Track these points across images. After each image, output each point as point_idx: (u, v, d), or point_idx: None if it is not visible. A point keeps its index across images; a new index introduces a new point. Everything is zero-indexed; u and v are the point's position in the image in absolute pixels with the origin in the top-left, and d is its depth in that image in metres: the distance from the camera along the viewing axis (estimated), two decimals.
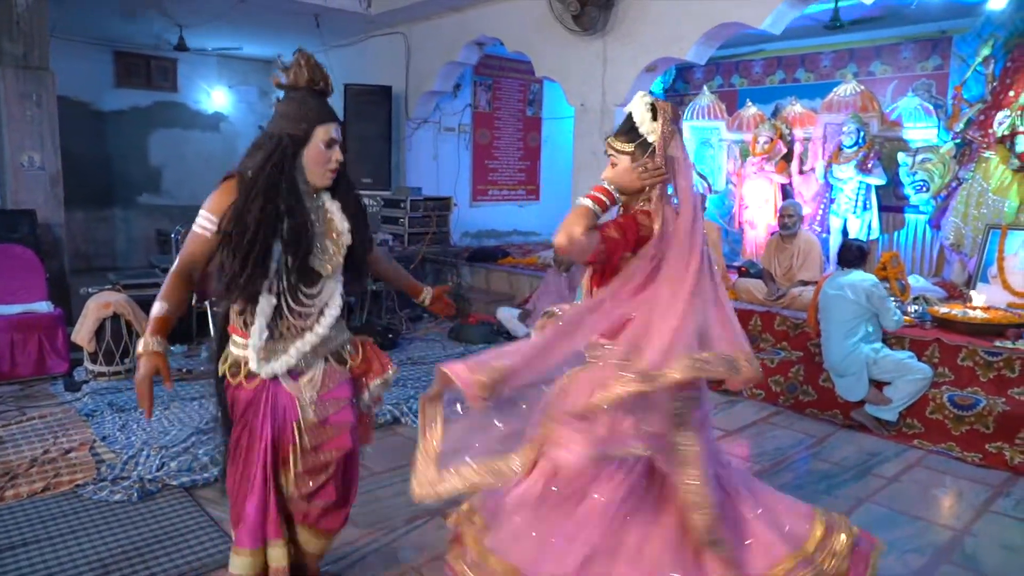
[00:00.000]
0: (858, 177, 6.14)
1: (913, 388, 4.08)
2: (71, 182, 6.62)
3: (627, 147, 2.01)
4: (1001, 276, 5.01)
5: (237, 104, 10.79)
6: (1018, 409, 3.84)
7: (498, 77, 9.12)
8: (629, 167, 2.01)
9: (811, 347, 4.82)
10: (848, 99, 6.69)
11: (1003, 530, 3.06)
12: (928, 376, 4.11)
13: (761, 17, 5.13)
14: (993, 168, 5.36)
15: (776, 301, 5.34)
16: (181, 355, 5.45)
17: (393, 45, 8.21)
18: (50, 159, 5.94)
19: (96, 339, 4.70)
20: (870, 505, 3.25)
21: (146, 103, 9.93)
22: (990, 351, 4.12)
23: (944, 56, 6.76)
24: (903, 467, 3.72)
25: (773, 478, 3.52)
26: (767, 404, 4.72)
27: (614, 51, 6.06)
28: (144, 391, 1.92)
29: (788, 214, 5.57)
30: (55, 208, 6.00)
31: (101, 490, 3.11)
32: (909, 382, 4.07)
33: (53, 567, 2.53)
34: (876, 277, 4.24)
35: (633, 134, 2.01)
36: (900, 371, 4.11)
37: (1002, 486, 3.51)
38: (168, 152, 10.19)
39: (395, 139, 8.25)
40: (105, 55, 9.43)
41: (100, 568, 2.53)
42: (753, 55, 8.28)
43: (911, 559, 2.78)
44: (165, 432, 3.79)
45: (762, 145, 6.81)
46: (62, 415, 4.04)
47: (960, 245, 5.52)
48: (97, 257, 9.61)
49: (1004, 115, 5.23)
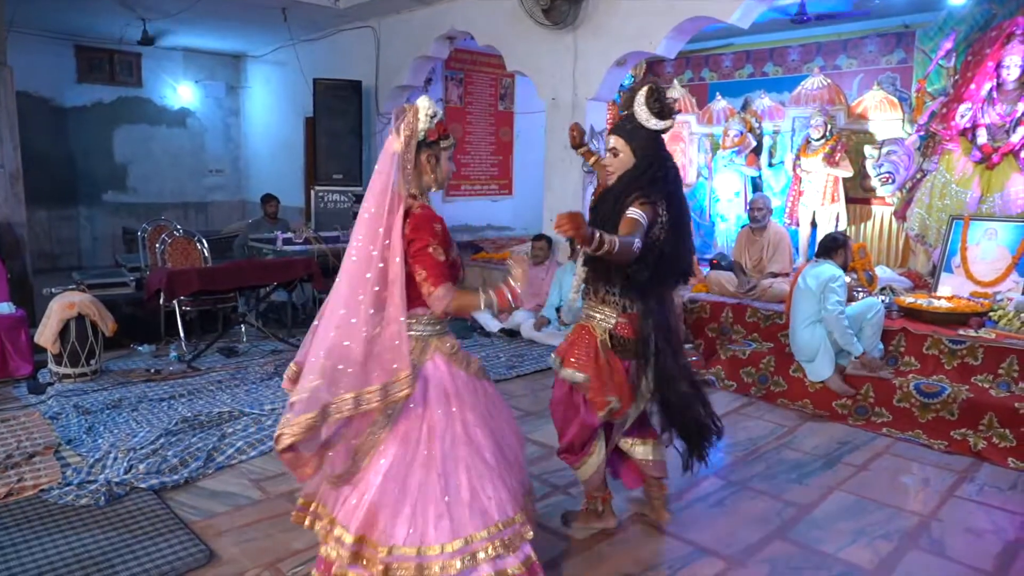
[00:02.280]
0: (826, 170, 6.23)
1: (876, 322, 4.30)
2: (33, 180, 6.46)
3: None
4: (964, 266, 5.12)
5: (204, 99, 10.61)
6: (981, 396, 3.93)
7: (469, 71, 9.08)
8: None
9: (781, 338, 4.88)
10: (815, 92, 6.78)
11: (968, 515, 3.13)
12: (880, 306, 4.34)
13: (730, 11, 5.17)
14: (956, 160, 5.47)
15: (747, 293, 5.40)
16: (149, 355, 5.36)
17: (362, 39, 8.13)
18: (9, 156, 5.79)
19: (60, 340, 4.59)
20: (839, 493, 3.31)
21: (110, 98, 9.72)
22: (954, 340, 4.21)
23: (908, 50, 6.89)
24: (871, 455, 3.78)
25: (746, 468, 3.57)
26: (739, 395, 4.77)
27: (585, 45, 6.06)
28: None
29: (758, 207, 5.63)
30: (16, 206, 5.85)
31: (67, 495, 3.04)
32: (872, 320, 4.28)
33: (18, 574, 2.46)
34: (841, 271, 4.30)
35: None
36: (858, 321, 4.29)
37: (966, 471, 3.59)
38: (133, 149, 9.99)
39: (365, 134, 8.18)
40: (66, 49, 9.22)
41: (67, 574, 2.47)
42: (722, 49, 8.36)
43: (879, 545, 2.83)
44: (133, 434, 3.72)
45: (732, 138, 6.87)
46: (26, 419, 3.95)
47: (925, 236, 5.63)
48: (61, 256, 9.41)
49: (966, 108, 5.34)
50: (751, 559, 2.72)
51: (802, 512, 3.11)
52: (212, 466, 3.41)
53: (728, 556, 2.73)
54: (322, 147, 7.99)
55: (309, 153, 9.11)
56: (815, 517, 3.07)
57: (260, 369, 5.04)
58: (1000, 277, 4.96)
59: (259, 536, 2.81)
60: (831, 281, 4.21)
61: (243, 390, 4.57)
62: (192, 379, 4.80)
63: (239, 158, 11.16)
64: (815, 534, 2.92)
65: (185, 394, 4.46)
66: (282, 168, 10.10)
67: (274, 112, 10.30)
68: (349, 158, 8.06)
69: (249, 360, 5.30)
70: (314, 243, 6.28)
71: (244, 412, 4.09)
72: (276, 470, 3.42)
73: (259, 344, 5.77)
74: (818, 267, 4.32)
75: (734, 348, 5.02)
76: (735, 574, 2.62)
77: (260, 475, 3.37)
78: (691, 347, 5.46)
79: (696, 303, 5.55)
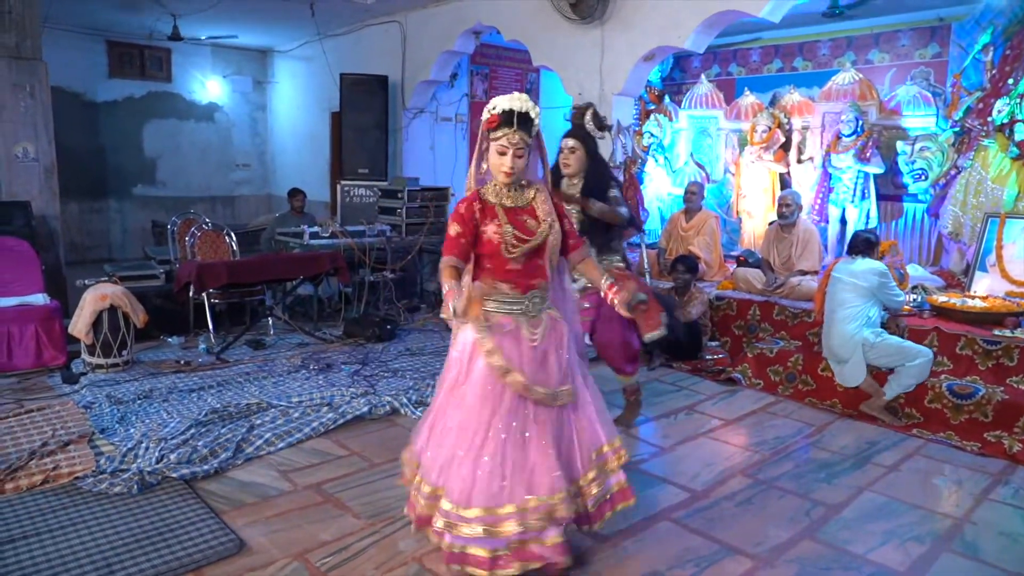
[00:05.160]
0: (856, 166, 6.13)
1: (917, 372, 4.08)
2: (65, 173, 6.58)
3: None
4: (999, 265, 5.01)
5: (232, 94, 10.72)
6: (1017, 398, 3.85)
7: (495, 66, 9.07)
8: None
9: (810, 336, 4.82)
10: (846, 87, 6.67)
11: (1002, 518, 3.07)
12: (929, 358, 4.12)
13: (760, 5, 5.11)
14: (992, 156, 5.34)
15: (775, 291, 5.34)
16: (178, 347, 5.43)
17: (389, 34, 8.15)
18: (44, 150, 5.90)
19: (93, 331, 4.67)
20: (869, 493, 3.26)
21: (140, 93, 9.87)
22: (989, 340, 4.12)
23: (943, 44, 6.73)
24: (902, 456, 3.72)
25: (773, 467, 3.53)
26: (766, 394, 4.72)
27: (612, 39, 6.02)
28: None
29: (786, 203, 5.56)
30: (50, 199, 5.97)
31: (100, 483, 3.09)
32: (913, 368, 4.07)
33: (54, 560, 2.52)
34: (884, 265, 4.26)
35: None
36: (901, 354, 4.11)
37: (1001, 474, 3.52)
38: (163, 143, 10.14)
39: (391, 129, 8.21)
40: (98, 45, 9.36)
41: (101, 561, 2.51)
42: (751, 43, 8.24)
43: (911, 547, 2.79)
44: (164, 424, 3.77)
45: (760, 134, 6.79)
46: (60, 408, 4.02)
47: (959, 234, 5.52)
48: (92, 249, 9.58)
49: (1003, 103, 5.21)
50: (779, 559, 2.69)
51: (831, 512, 3.07)
52: (241, 457, 3.46)
53: (756, 555, 2.70)
54: (348, 141, 8.04)
55: (335, 147, 9.17)
56: (845, 517, 3.03)
57: (287, 362, 5.09)
58: None
59: (288, 527, 2.84)
60: (884, 277, 4.18)
61: (271, 382, 4.61)
62: (221, 371, 4.86)
63: (266, 152, 11.26)
64: (844, 535, 2.88)
65: (214, 385, 4.51)
66: (308, 162, 10.18)
67: (300, 107, 10.38)
68: (375, 152, 8.09)
69: (276, 353, 5.36)
70: (340, 237, 6.32)
71: (272, 404, 4.13)
72: (304, 462, 3.46)
73: (286, 337, 5.83)
74: (859, 262, 4.25)
75: (761, 346, 4.97)
76: (763, 574, 2.59)
77: (289, 467, 3.40)
78: (717, 344, 5.41)
79: (723, 300, 5.50)
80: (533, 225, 2.46)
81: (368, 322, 5.85)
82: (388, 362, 5.13)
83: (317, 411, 4.05)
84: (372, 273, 6.46)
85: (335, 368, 4.94)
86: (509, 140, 2.37)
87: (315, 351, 5.41)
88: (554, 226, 2.47)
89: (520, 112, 2.36)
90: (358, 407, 4.08)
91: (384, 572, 2.54)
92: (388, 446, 3.64)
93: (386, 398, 4.24)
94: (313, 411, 4.05)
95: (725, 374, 4.95)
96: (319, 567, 2.55)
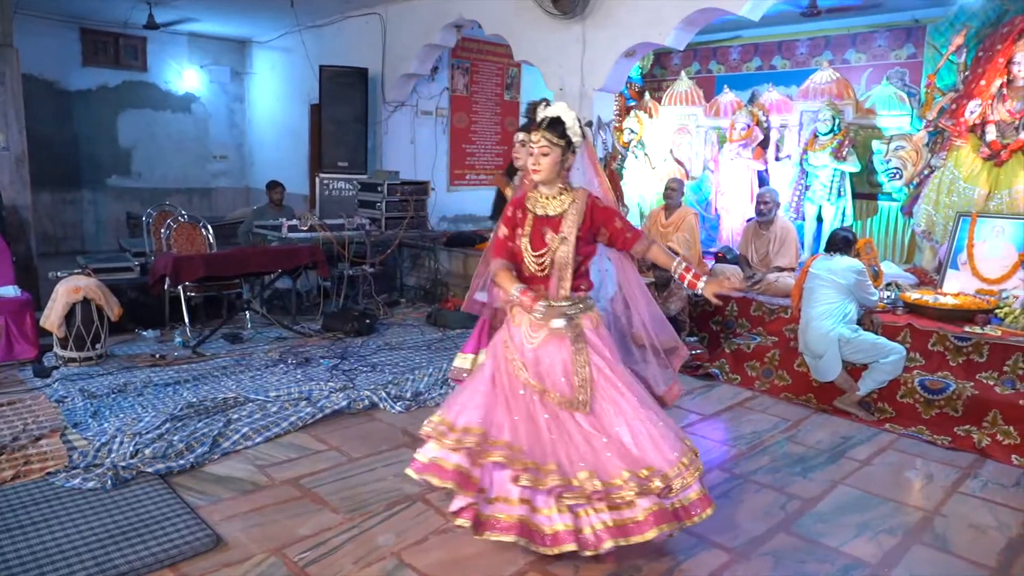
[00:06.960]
0: (833, 164, 6.20)
1: (890, 368, 4.15)
2: (37, 163, 6.46)
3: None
4: (971, 263, 5.10)
5: (209, 85, 10.57)
6: (986, 393, 3.93)
7: (476, 60, 9.04)
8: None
9: (786, 332, 4.88)
10: (824, 86, 6.74)
11: (971, 510, 3.14)
12: (902, 354, 4.19)
13: (740, 3, 5.14)
14: (964, 156, 5.43)
15: (751, 286, 5.39)
16: (154, 340, 5.36)
17: (369, 26, 8.08)
18: (15, 139, 5.78)
19: (66, 324, 4.60)
20: (843, 487, 3.31)
21: (115, 82, 9.69)
22: (960, 336, 4.20)
23: (918, 45, 6.84)
24: (875, 450, 3.79)
25: (750, 461, 3.57)
26: (743, 389, 4.77)
27: (593, 35, 6.03)
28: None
29: (764, 201, 5.62)
30: (21, 190, 5.85)
31: (73, 477, 3.05)
32: (887, 364, 4.14)
33: (25, 557, 2.48)
34: (862, 264, 4.31)
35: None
36: (876, 350, 4.17)
37: (970, 468, 3.60)
38: (138, 133, 9.97)
39: (371, 122, 8.15)
40: (71, 32, 9.18)
41: (74, 557, 2.48)
42: (731, 41, 8.31)
43: (883, 539, 2.84)
44: (139, 418, 3.72)
45: (739, 132, 6.83)
46: (32, 401, 3.96)
47: (931, 232, 5.61)
48: (65, 240, 9.40)
49: (975, 104, 5.31)
50: (755, 552, 2.73)
51: (806, 506, 3.12)
52: (218, 452, 3.42)
53: (732, 548, 2.74)
54: (327, 134, 7.97)
55: (314, 140, 9.09)
56: (819, 511, 3.07)
57: (265, 356, 5.05)
58: (1007, 275, 4.94)
59: (265, 522, 2.82)
60: (860, 275, 4.23)
61: (248, 376, 4.57)
62: (197, 365, 4.80)
63: (244, 144, 11.13)
64: (819, 528, 2.93)
65: (190, 379, 4.46)
66: (287, 155, 10.08)
67: (279, 98, 10.27)
68: (354, 146, 8.03)
69: (254, 347, 5.31)
70: (319, 230, 6.27)
71: (249, 398, 4.09)
72: (282, 457, 3.43)
73: (263, 331, 5.78)
74: (836, 259, 4.31)
75: (738, 342, 5.02)
76: (739, 566, 2.63)
77: (266, 461, 3.38)
78: (695, 340, 5.46)
79: (701, 296, 5.53)
80: (549, 239, 2.57)
81: (347, 316, 5.81)
82: (367, 356, 5.11)
83: (295, 405, 4.02)
84: (351, 267, 6.43)
85: (313, 362, 4.91)
86: (532, 139, 2.54)
87: (293, 345, 5.37)
88: (565, 242, 2.56)
89: (548, 115, 2.55)
90: (337, 401, 4.06)
91: (362, 567, 2.53)
92: (367, 441, 3.63)
93: (365, 393, 4.22)
94: (291, 405, 4.02)
95: (703, 369, 5.00)
96: (296, 562, 2.54)
